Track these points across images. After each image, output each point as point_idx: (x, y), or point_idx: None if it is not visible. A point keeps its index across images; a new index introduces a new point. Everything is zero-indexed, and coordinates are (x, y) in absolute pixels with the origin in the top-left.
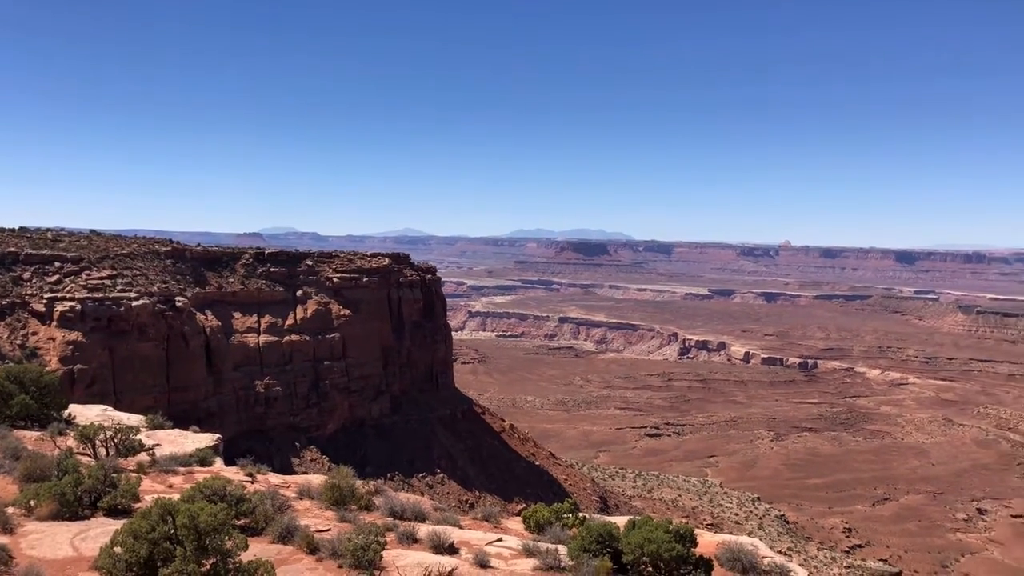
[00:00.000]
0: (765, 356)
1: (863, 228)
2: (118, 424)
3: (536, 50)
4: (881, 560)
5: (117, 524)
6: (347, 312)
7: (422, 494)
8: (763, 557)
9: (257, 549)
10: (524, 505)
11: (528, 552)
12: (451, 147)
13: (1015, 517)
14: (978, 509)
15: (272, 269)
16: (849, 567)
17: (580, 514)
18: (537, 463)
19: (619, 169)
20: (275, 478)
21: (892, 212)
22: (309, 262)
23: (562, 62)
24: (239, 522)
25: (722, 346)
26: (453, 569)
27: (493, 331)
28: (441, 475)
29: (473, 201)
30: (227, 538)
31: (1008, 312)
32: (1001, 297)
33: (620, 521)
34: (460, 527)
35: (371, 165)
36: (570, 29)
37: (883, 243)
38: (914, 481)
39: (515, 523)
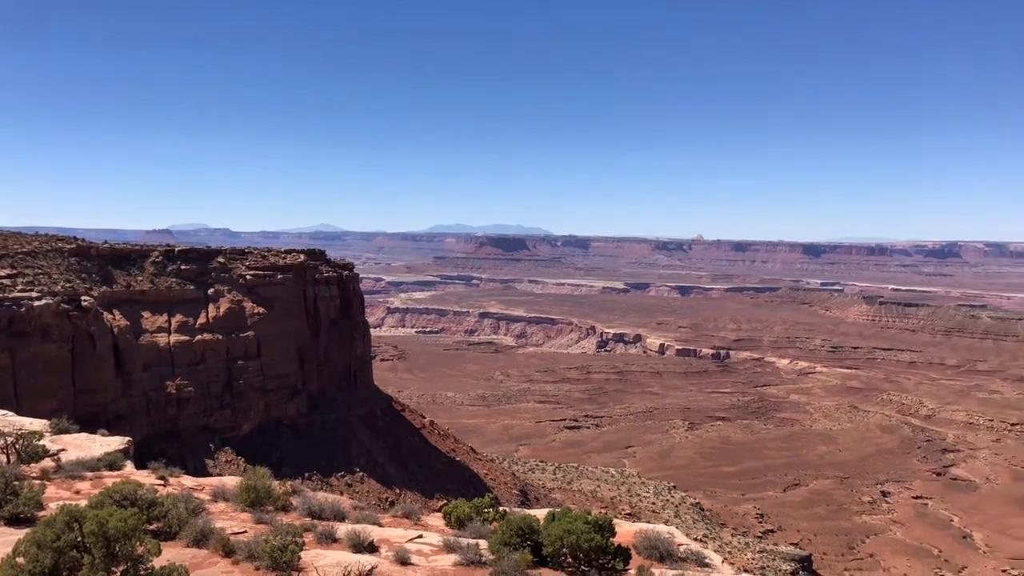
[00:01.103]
0: (680, 348)
1: (772, 222)
2: (19, 430)
3: (450, 46)
4: (792, 544)
5: (20, 534)
6: (261, 310)
7: (341, 493)
8: (679, 544)
9: (171, 554)
10: (445, 501)
11: (449, 548)
12: (368, 141)
13: (916, 498)
14: (882, 492)
15: (183, 267)
16: (762, 551)
17: (501, 508)
18: (458, 459)
19: (538, 165)
20: (188, 481)
21: (800, 207)
22: (221, 259)
23: (477, 58)
24: (151, 527)
25: (638, 338)
26: (373, 567)
27: (412, 327)
28: (360, 474)
29: (391, 196)
30: (138, 544)
31: (909, 302)
32: (902, 288)
33: (540, 514)
34: (380, 525)
35: (285, 159)
36: (485, 22)
37: (791, 237)
38: (822, 467)
39: (436, 519)
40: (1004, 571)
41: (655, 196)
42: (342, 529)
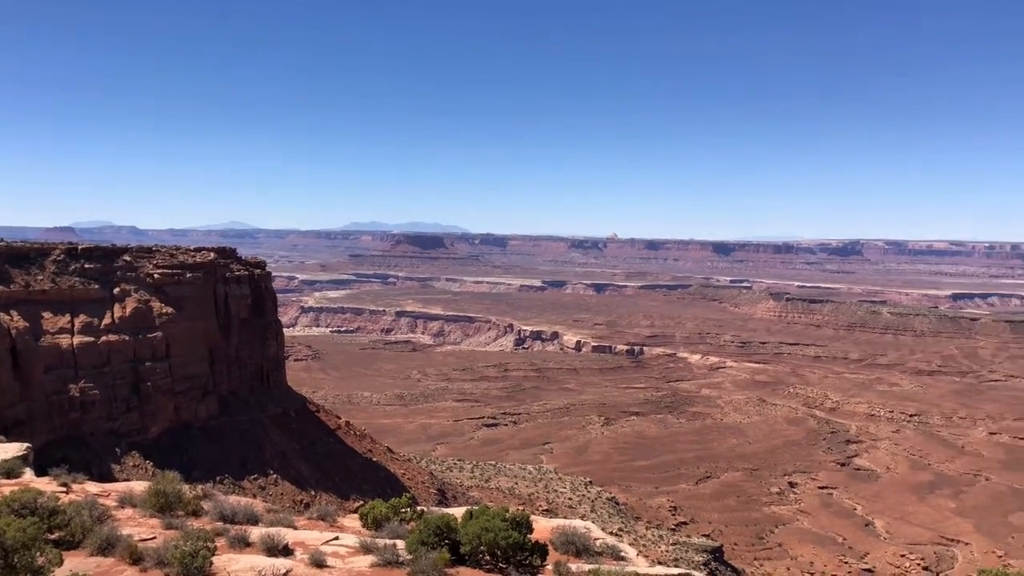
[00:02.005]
0: (595, 344)
1: (684, 222)
2: None
3: (370, 41)
4: (704, 535)
5: None
6: (170, 310)
7: (254, 496)
8: (595, 539)
9: (74, 563)
10: (361, 502)
11: (365, 549)
12: (280, 137)
13: (821, 488)
14: (789, 483)
15: (86, 266)
16: (675, 544)
17: (418, 508)
18: (374, 459)
19: (454, 163)
20: (93, 487)
21: (710, 207)
22: (127, 257)
23: (397, 54)
24: (52, 536)
25: (555, 336)
26: (288, 571)
27: (327, 327)
28: (274, 476)
29: (304, 193)
30: (38, 554)
31: (814, 299)
32: (807, 285)
33: (458, 512)
34: (295, 528)
35: (193, 154)
36: (404, 19)
37: (702, 235)
38: (732, 459)
39: (352, 520)
40: (903, 555)
41: (571, 195)
42: (255, 533)
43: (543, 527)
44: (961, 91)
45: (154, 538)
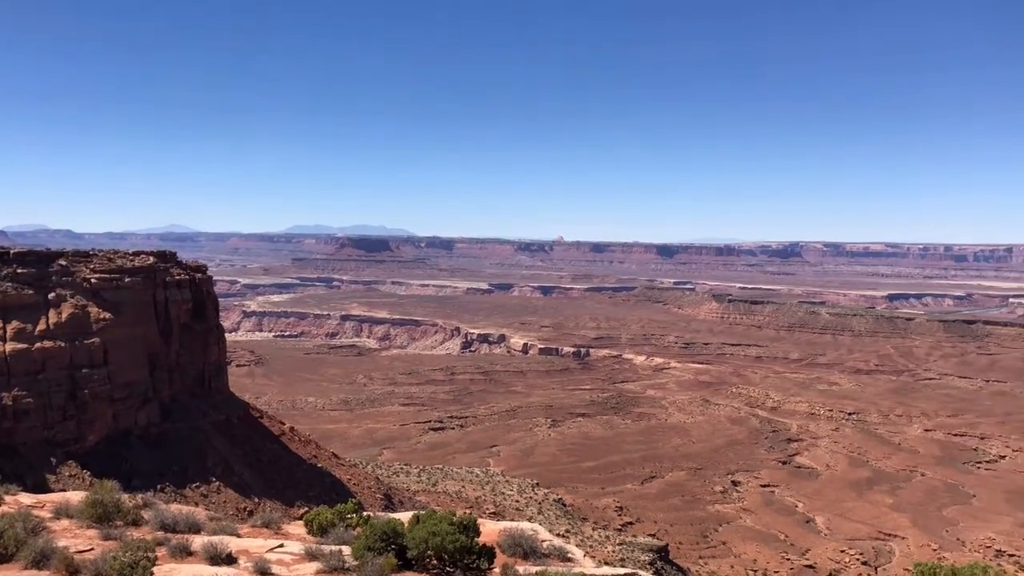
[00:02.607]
0: (542, 347)
1: (628, 224)
2: None
3: (310, 41)
4: (650, 535)
5: None
6: (108, 315)
7: (196, 504)
8: (543, 541)
9: None
10: (306, 509)
11: (311, 556)
12: (222, 138)
13: (763, 487)
14: (732, 481)
15: (19, 270)
16: (621, 544)
17: (364, 513)
18: (320, 465)
19: (400, 165)
20: (27, 498)
21: (653, 210)
22: (63, 262)
23: (340, 55)
24: None
25: (502, 338)
26: None
27: (271, 331)
28: (217, 483)
29: (246, 196)
30: None
31: (755, 300)
32: (749, 286)
33: (405, 517)
34: (238, 536)
35: (131, 155)
36: (343, 21)
37: (646, 238)
38: (677, 459)
39: (297, 527)
40: (843, 551)
41: (518, 198)
42: (198, 541)
43: (491, 530)
44: (894, 97)
45: (92, 549)
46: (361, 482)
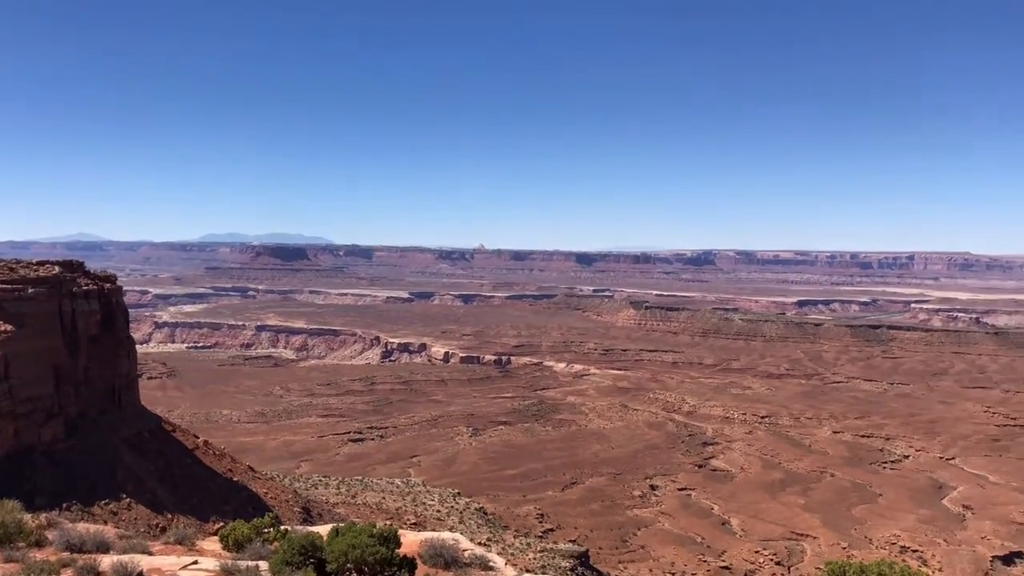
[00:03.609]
0: (463, 355)
1: (549, 233)
2: None
3: (223, 41)
4: (571, 541)
5: None
6: (9, 327)
7: (105, 523)
8: (464, 550)
9: None
10: (222, 524)
11: (226, 572)
12: (131, 144)
13: (681, 490)
14: (651, 486)
15: None
16: (542, 550)
17: (282, 527)
18: (235, 479)
19: (319, 172)
20: None
21: (573, 218)
22: None
23: (254, 57)
24: None
25: (423, 347)
26: None
27: (184, 342)
28: (127, 500)
29: (158, 203)
30: None
31: (671, 307)
32: (665, 293)
33: (324, 530)
34: (150, 554)
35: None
36: (255, 22)
37: (566, 246)
38: (597, 464)
39: (212, 543)
40: (757, 551)
41: (438, 206)
42: (106, 561)
43: (411, 541)
44: (802, 109)
45: None
46: (278, 495)
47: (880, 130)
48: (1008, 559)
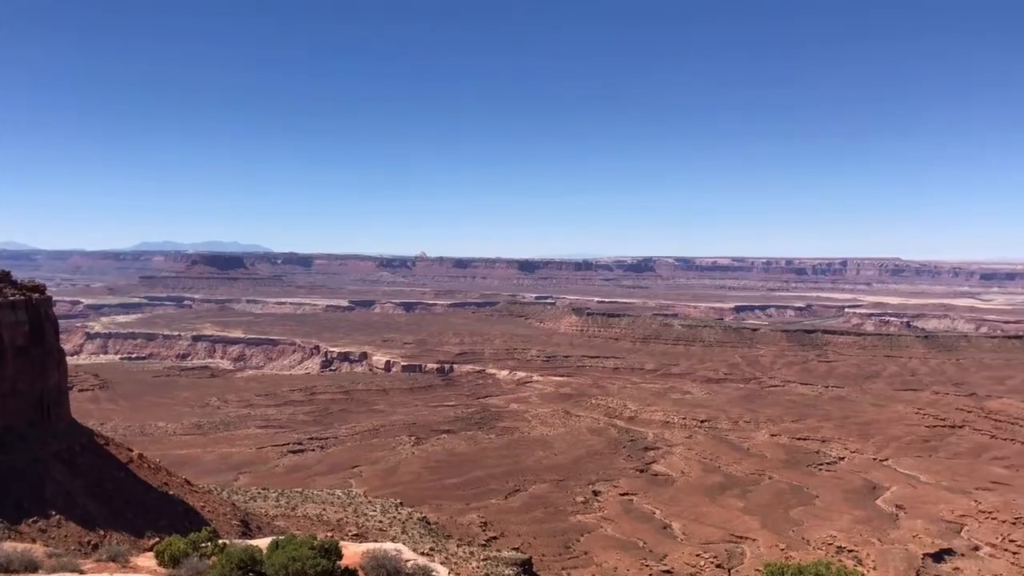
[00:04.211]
0: (405, 364)
1: (491, 240)
2: None
3: (161, 46)
4: (514, 549)
5: None
6: None
7: (34, 541)
8: (407, 560)
9: None
10: (157, 539)
11: None
12: (60, 149)
13: (623, 495)
14: (593, 491)
15: None
16: (486, 559)
17: (220, 541)
18: (171, 493)
19: (255, 179)
20: None
21: (515, 225)
22: None
23: (188, 59)
24: None
25: (364, 356)
26: None
27: (117, 353)
28: (57, 517)
29: (89, 211)
30: None
31: (612, 313)
32: (606, 300)
33: (263, 543)
34: (81, 571)
35: None
36: (194, 27)
37: (508, 254)
38: (540, 471)
39: (147, 559)
40: (698, 555)
41: (379, 213)
42: None
43: (353, 552)
44: (735, 119)
45: None
46: (216, 509)
47: (814, 140)
48: (938, 556)
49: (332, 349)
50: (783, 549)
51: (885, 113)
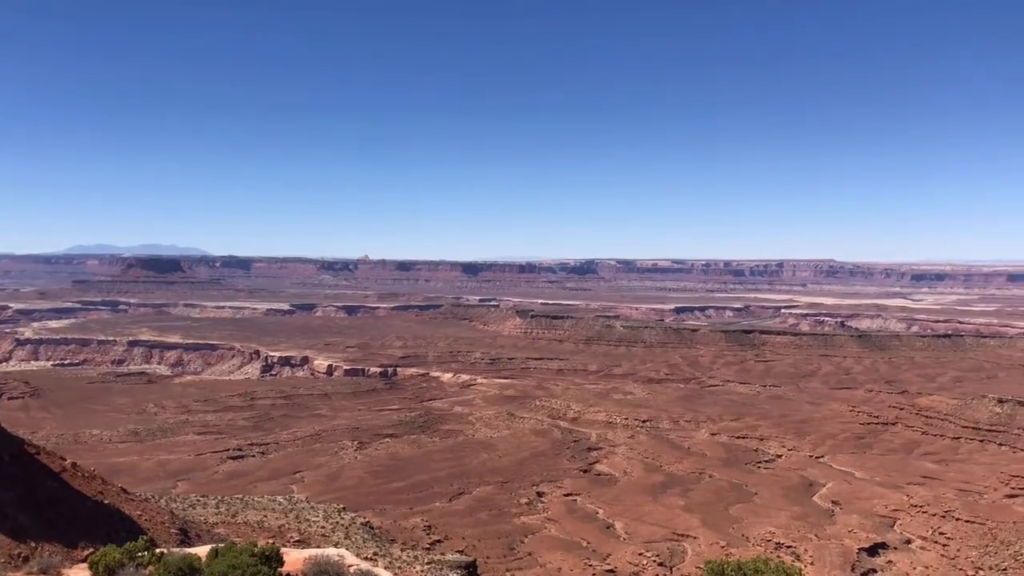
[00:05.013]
0: (348, 368)
1: (434, 243)
2: None
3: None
4: (459, 551)
5: None
6: None
7: None
8: (350, 566)
9: None
10: (92, 550)
11: None
12: None
13: (566, 496)
14: (537, 492)
15: None
16: (430, 562)
17: (157, 550)
18: (107, 502)
19: (193, 181)
20: None
21: (458, 228)
22: None
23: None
24: None
25: (305, 360)
26: None
27: (49, 360)
28: None
29: (18, 213)
30: None
31: (555, 315)
32: (550, 302)
33: (202, 551)
34: None
35: None
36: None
37: (452, 256)
38: (484, 473)
39: (81, 571)
40: (640, 554)
41: (320, 216)
42: None
43: (295, 559)
44: (675, 122)
45: None
46: (153, 517)
47: (751, 145)
48: (872, 550)
49: (273, 353)
50: (723, 546)
51: (818, 119)
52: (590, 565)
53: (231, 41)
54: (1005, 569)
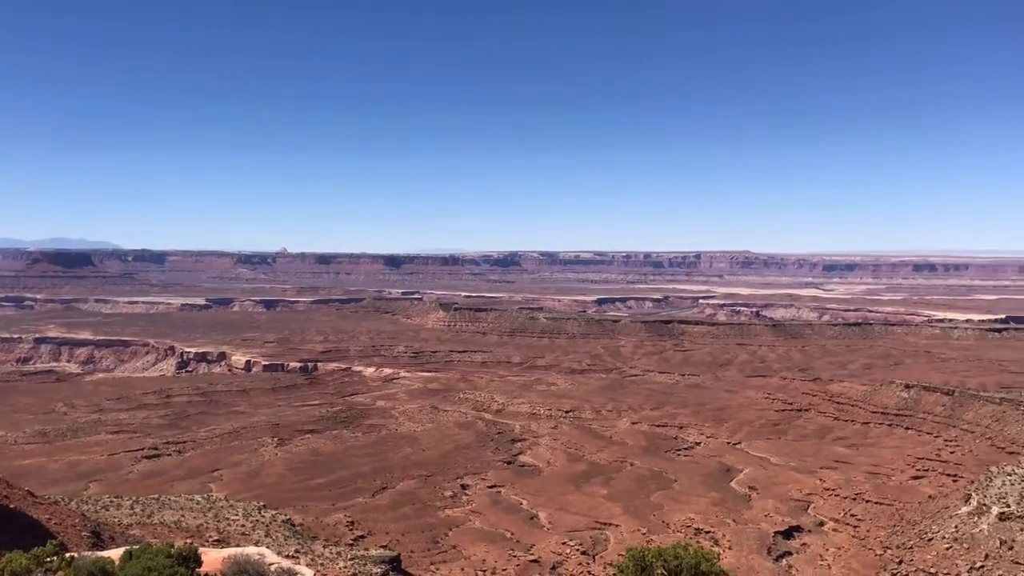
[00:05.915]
0: (267, 363)
1: (355, 235)
2: None
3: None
4: (382, 547)
5: None
6: None
7: None
8: (271, 564)
9: None
10: None
11: None
12: None
13: (490, 488)
14: (462, 485)
15: None
16: (353, 558)
17: (68, 555)
18: (12, 506)
19: (102, 171)
20: None
21: (380, 220)
22: None
23: (30, 46)
24: None
25: (223, 356)
26: None
27: None
28: None
29: None
30: None
31: (479, 307)
32: (473, 295)
33: (116, 554)
34: None
35: None
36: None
37: (373, 249)
38: (408, 467)
39: None
40: (564, 543)
41: (237, 209)
42: None
43: (214, 559)
44: (594, 120)
45: None
46: (64, 521)
47: (669, 139)
48: (788, 533)
49: (188, 349)
50: (645, 533)
51: (737, 114)
52: (514, 556)
53: (146, 24)
54: (911, 547)
